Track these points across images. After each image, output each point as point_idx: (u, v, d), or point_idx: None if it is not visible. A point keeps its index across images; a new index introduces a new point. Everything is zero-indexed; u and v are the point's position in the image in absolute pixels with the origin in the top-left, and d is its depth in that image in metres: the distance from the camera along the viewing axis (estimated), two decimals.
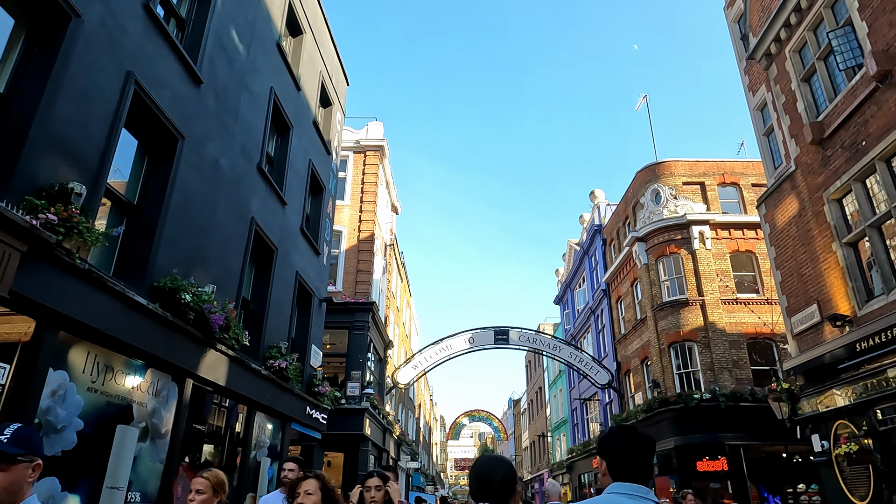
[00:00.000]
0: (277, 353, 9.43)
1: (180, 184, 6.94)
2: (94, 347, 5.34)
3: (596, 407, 26.76)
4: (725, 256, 18.99)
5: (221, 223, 8.05)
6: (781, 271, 11.08)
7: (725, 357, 17.57)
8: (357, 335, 17.28)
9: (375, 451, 18.78)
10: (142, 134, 6.69)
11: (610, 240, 25.14)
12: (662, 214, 19.70)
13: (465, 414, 51.66)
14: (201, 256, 7.47)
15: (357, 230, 19.17)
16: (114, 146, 5.69)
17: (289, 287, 10.72)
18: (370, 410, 16.49)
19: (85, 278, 4.97)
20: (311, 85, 12.47)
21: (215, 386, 7.51)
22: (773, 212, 11.32)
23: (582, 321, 29.20)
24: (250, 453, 8.73)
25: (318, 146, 12.96)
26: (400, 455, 26.38)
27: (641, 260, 20.14)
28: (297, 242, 11.20)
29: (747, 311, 18.16)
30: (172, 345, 6.38)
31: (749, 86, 12.59)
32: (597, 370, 22.74)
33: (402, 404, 29.08)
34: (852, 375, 9.04)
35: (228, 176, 8.28)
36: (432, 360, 22.43)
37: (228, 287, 8.15)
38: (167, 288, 6.30)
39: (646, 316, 19.97)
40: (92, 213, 5.31)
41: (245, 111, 8.90)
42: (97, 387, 5.37)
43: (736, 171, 20.50)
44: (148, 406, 6.13)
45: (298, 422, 10.70)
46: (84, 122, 5.32)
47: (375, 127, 20.85)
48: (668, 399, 17.41)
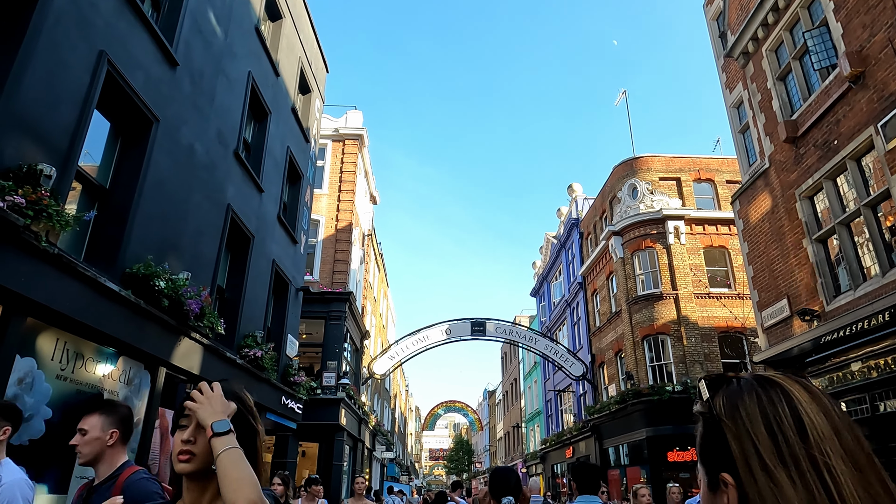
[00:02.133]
0: (253, 343, 9.32)
1: (154, 168, 6.78)
2: (63, 334, 5.21)
3: (570, 398, 27.10)
4: (699, 251, 19.32)
5: (196, 209, 7.89)
6: (753, 266, 11.31)
7: (697, 350, 17.92)
8: (334, 325, 17.17)
9: (351, 441, 18.74)
10: (115, 116, 6.51)
11: (587, 233, 25.37)
12: (639, 209, 19.94)
13: (440, 405, 51.89)
14: (175, 243, 7.33)
15: (335, 219, 19.01)
16: (85, 128, 5.53)
17: (265, 276, 10.59)
18: (346, 401, 16.43)
19: (54, 263, 4.84)
20: (290, 71, 12.27)
21: (189, 374, 7.40)
22: (746, 208, 11.53)
23: (558, 314, 29.48)
24: None
25: (297, 133, 12.78)
26: (375, 445, 26.39)
27: (617, 254, 20.37)
28: (273, 231, 11.06)
29: (719, 306, 18.52)
30: (145, 332, 6.26)
31: (726, 83, 12.77)
32: (571, 362, 22.99)
33: (377, 395, 29.07)
34: (819, 369, 9.29)
35: (203, 161, 8.12)
36: (409, 351, 22.43)
37: (203, 275, 8.01)
38: (140, 274, 6.16)
39: (621, 309, 20.23)
40: (62, 196, 5.16)
41: (221, 96, 8.73)
42: (67, 374, 5.24)
43: (711, 168, 20.82)
44: (120, 394, 6.00)
45: (274, 412, 10.61)
46: (54, 102, 5.15)
47: (354, 115, 20.66)
48: (641, 391, 17.70)
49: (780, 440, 0.72)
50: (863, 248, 8.85)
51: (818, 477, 0.69)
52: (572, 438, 24.44)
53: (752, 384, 0.80)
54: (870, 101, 8.35)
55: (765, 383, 0.79)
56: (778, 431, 0.73)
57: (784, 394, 0.77)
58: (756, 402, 0.77)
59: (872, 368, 8.17)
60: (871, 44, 8.38)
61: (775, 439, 0.72)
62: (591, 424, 21.49)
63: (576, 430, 23.90)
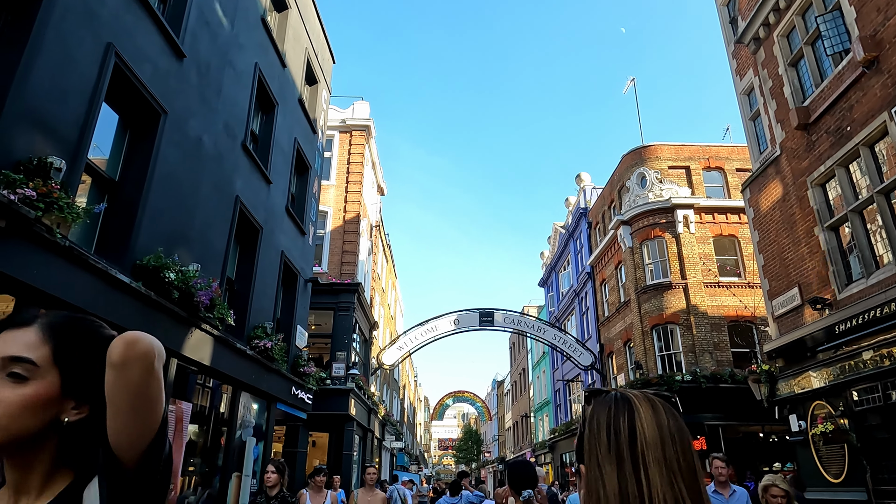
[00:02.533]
0: (262, 334, 9.37)
1: (162, 161, 6.80)
2: None
3: (578, 388, 27.12)
4: (709, 240, 19.19)
5: (205, 201, 7.92)
6: (764, 255, 11.22)
7: (707, 339, 17.85)
8: (342, 316, 17.24)
9: (360, 431, 18.88)
10: (123, 109, 6.53)
11: (595, 223, 25.26)
12: (648, 198, 19.81)
13: (449, 395, 52.09)
14: (184, 235, 7.36)
15: (343, 211, 19.03)
16: (94, 120, 5.55)
17: (274, 267, 10.63)
18: (355, 391, 16.53)
19: (65, 256, 4.87)
20: (297, 62, 12.25)
21: (200, 365, 7.46)
22: (757, 196, 11.43)
23: (566, 304, 29.44)
24: (235, 433, 8.71)
25: (304, 125, 12.78)
26: (385, 435, 26.57)
27: (626, 243, 20.28)
28: (282, 222, 11.09)
29: (729, 295, 18.42)
30: (156, 324, 6.30)
31: (736, 70, 12.62)
32: (580, 352, 22.99)
33: (386, 385, 29.23)
34: (830, 357, 9.23)
35: (211, 153, 8.13)
36: (418, 342, 22.51)
37: (212, 266, 8.05)
38: (150, 266, 6.20)
39: (629, 299, 20.17)
40: (72, 188, 5.18)
41: (228, 87, 8.72)
42: None
43: (721, 156, 20.63)
44: None
45: (284, 402, 10.69)
46: (62, 95, 5.17)
47: (361, 106, 20.61)
48: (650, 380, 17.66)
49: (613, 443, 0.93)
50: (876, 236, 8.75)
51: (634, 473, 0.90)
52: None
53: (610, 399, 1.00)
54: (884, 87, 8.22)
55: (620, 399, 1.00)
56: (614, 437, 0.94)
57: (629, 409, 0.97)
58: (606, 413, 0.98)
59: (885, 357, 8.10)
60: (885, 27, 8.23)
61: (610, 442, 0.94)
62: None
63: None
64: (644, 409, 0.99)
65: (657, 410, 1.00)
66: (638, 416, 0.98)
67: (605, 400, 1.02)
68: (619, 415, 0.99)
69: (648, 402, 1.02)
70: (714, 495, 4.62)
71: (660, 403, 1.03)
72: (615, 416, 0.99)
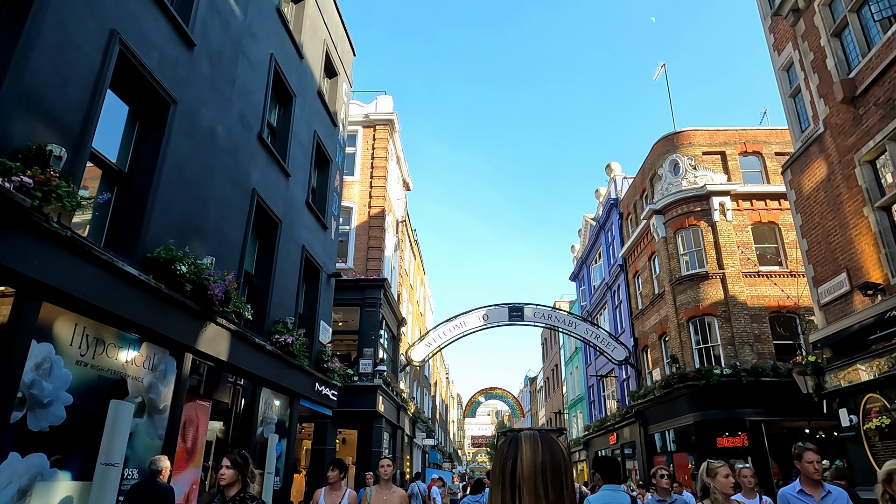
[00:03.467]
0: (283, 329, 9.20)
1: (173, 151, 6.64)
2: (82, 320, 5.11)
3: (613, 383, 26.47)
4: (747, 228, 18.37)
5: (220, 194, 7.76)
6: (808, 239, 10.55)
7: (746, 331, 17.08)
8: (369, 312, 17.07)
9: (390, 428, 18.71)
10: (132, 99, 6.39)
11: (627, 213, 24.55)
12: (681, 186, 19.09)
13: (481, 392, 51.71)
14: (198, 227, 7.20)
15: (367, 206, 18.85)
16: (98, 109, 5.39)
17: (294, 262, 10.46)
18: (383, 387, 16.34)
19: (67, 246, 4.71)
20: (315, 53, 12.06)
21: (216, 361, 7.30)
22: (799, 177, 10.76)
23: (598, 297, 28.77)
24: (257, 429, 8.56)
25: (324, 117, 12.59)
26: (415, 432, 26.38)
27: (659, 233, 19.59)
28: (302, 216, 10.91)
29: (770, 284, 17.60)
30: (168, 318, 6.14)
31: (774, 45, 11.92)
32: (614, 346, 22.37)
33: (417, 382, 29.04)
34: (884, 347, 8.57)
35: (226, 145, 7.97)
36: (446, 338, 22.22)
37: (228, 260, 7.89)
38: (161, 259, 6.04)
39: (664, 290, 19.49)
40: (75, 178, 5.03)
41: (243, 78, 8.56)
42: (87, 360, 5.14)
43: (758, 140, 19.74)
44: (144, 381, 5.92)
45: (307, 398, 10.52)
46: (63, 81, 5.02)
47: (384, 100, 20.40)
48: (687, 375, 17.00)
49: (500, 475, 1.38)
50: None
51: (512, 499, 1.33)
52: (616, 424, 23.85)
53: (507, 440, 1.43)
54: None
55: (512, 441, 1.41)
56: (503, 469, 1.38)
57: (516, 447, 1.39)
58: (501, 451, 1.42)
59: None
60: None
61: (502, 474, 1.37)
62: (635, 410, 20.87)
63: (619, 416, 23.29)
64: (526, 449, 1.38)
65: (536, 450, 1.37)
66: (520, 455, 1.37)
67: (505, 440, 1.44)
68: (509, 454, 1.39)
69: (531, 442, 1.39)
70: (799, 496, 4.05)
71: (542, 442, 1.39)
72: (506, 454, 1.40)
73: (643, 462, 20.68)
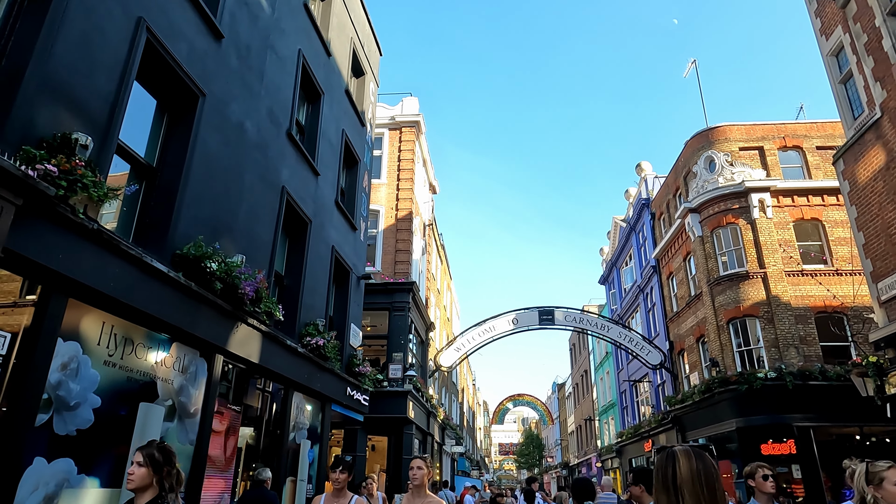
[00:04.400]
0: (314, 331, 8.93)
1: (202, 145, 6.42)
2: (110, 318, 4.87)
3: (647, 389, 25.71)
4: (788, 225, 17.64)
5: (249, 191, 7.53)
6: (864, 232, 9.93)
7: (791, 333, 16.33)
8: (397, 316, 16.78)
9: (420, 434, 18.34)
10: (159, 92, 6.19)
11: (659, 213, 23.89)
12: (718, 182, 18.43)
13: (509, 398, 51.05)
14: (228, 225, 6.97)
15: (394, 209, 18.62)
16: (125, 98, 5.18)
17: (324, 262, 10.21)
18: (413, 393, 16.00)
19: (94, 240, 4.48)
20: (342, 51, 11.86)
21: (247, 363, 7.04)
22: (853, 167, 10.16)
23: (630, 300, 28.06)
24: (289, 435, 8.28)
25: (352, 116, 12.37)
26: (444, 439, 25.97)
27: (695, 232, 18.94)
28: (331, 216, 10.67)
29: (815, 284, 16.82)
30: (198, 317, 5.89)
31: (821, 29, 11.34)
32: (648, 350, 21.69)
33: (444, 388, 28.65)
34: None
35: (255, 140, 7.75)
36: (475, 342, 21.81)
37: (259, 259, 7.65)
38: (191, 256, 5.80)
39: (701, 291, 18.80)
40: (102, 168, 4.82)
41: (271, 73, 8.35)
42: (115, 360, 4.90)
43: (798, 134, 18.98)
44: (174, 383, 5.67)
45: (339, 403, 10.23)
46: (89, 69, 4.81)
47: (410, 102, 20.19)
48: (729, 378, 16.28)
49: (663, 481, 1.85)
50: None
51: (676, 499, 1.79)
52: (651, 431, 23.10)
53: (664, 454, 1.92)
54: None
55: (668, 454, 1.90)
56: (664, 477, 1.85)
57: (673, 459, 1.86)
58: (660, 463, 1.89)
59: None
60: None
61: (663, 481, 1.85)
62: (671, 415, 20.14)
63: (655, 422, 22.55)
64: (682, 460, 1.85)
65: (690, 459, 1.84)
66: (677, 465, 1.84)
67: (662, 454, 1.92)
68: (667, 464, 1.87)
69: (685, 454, 1.86)
70: None
71: (694, 454, 1.85)
72: (665, 465, 1.88)
73: None
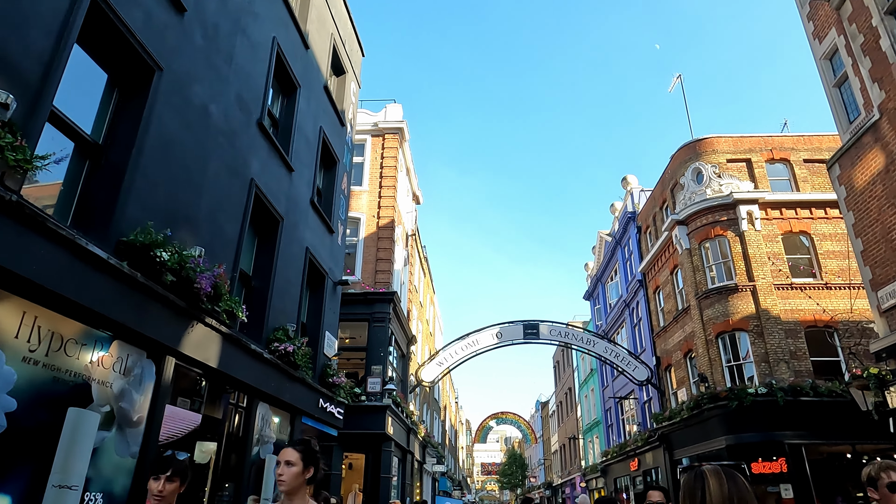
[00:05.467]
0: (283, 336, 8.26)
1: (157, 125, 5.81)
2: (33, 308, 4.21)
3: (633, 406, 25.16)
4: (777, 238, 17.37)
5: (214, 179, 6.91)
6: (863, 239, 9.56)
7: (782, 347, 15.94)
8: (377, 328, 16.10)
9: (399, 452, 17.55)
10: (111, 65, 5.58)
11: (645, 227, 23.59)
12: (706, 194, 18.15)
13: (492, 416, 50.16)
14: (187, 216, 6.33)
15: (376, 217, 18.02)
16: (62, 59, 4.56)
17: (297, 264, 9.57)
18: (392, 408, 15.27)
19: (12, 214, 3.83)
20: (322, 46, 11.34)
21: (205, 367, 6.36)
22: (849, 171, 9.82)
23: (615, 316, 27.62)
24: (252, 449, 7.56)
25: (331, 115, 11.82)
26: (425, 458, 25.11)
27: (683, 245, 18.60)
28: (306, 216, 10.05)
29: (804, 297, 16.51)
30: (146, 313, 5.23)
31: (814, 32, 11.09)
32: (634, 365, 21.21)
33: (426, 405, 27.84)
34: None
35: (221, 127, 7.15)
36: (458, 356, 21.15)
37: (223, 256, 7.01)
38: (138, 243, 5.15)
39: (689, 305, 18.41)
40: (30, 136, 4.19)
41: (241, 57, 7.78)
42: (38, 358, 4.22)
43: (786, 147, 18.84)
44: (113, 386, 4.97)
45: (310, 416, 9.52)
46: (20, 20, 4.20)
47: (394, 109, 19.73)
48: (718, 394, 15.80)
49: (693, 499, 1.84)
50: None
51: None
52: (637, 449, 22.50)
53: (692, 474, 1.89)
54: None
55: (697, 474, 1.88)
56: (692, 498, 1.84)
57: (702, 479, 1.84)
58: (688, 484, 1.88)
59: None
60: None
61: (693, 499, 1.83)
62: (658, 433, 19.59)
63: (641, 441, 21.97)
64: (712, 480, 1.83)
65: (721, 480, 1.82)
66: (707, 486, 1.81)
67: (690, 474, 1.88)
68: (696, 485, 1.84)
69: (715, 474, 1.85)
70: None
71: (724, 474, 1.84)
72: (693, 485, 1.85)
73: (669, 488, 19.34)
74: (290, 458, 2.65)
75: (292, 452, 2.68)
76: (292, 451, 2.69)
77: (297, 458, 2.65)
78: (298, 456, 2.65)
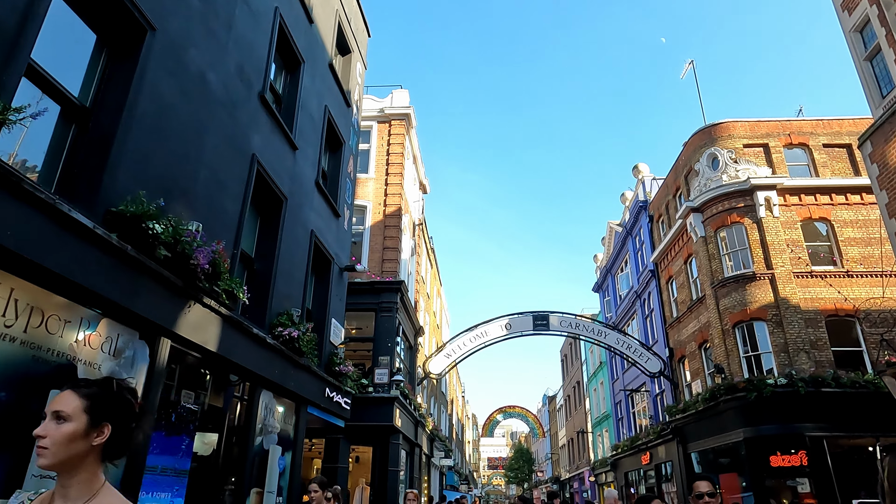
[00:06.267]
0: (287, 321, 7.85)
1: (150, 90, 5.38)
2: (9, 279, 3.80)
3: (644, 399, 24.71)
4: (796, 225, 16.85)
5: (212, 152, 6.49)
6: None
7: (801, 337, 15.45)
8: (384, 317, 15.69)
9: (407, 445, 17.18)
10: (100, 26, 5.15)
11: (658, 216, 23.07)
12: (721, 180, 17.63)
13: (499, 410, 49.84)
14: (183, 188, 5.92)
15: (383, 205, 17.59)
16: (41, 11, 4.14)
17: (302, 247, 9.15)
18: (400, 400, 14.88)
19: None
20: (327, 23, 10.89)
21: (204, 351, 5.95)
22: (882, 148, 9.31)
23: (626, 307, 27.13)
24: (254, 439, 7.16)
25: (336, 94, 11.38)
26: (433, 451, 24.76)
27: (698, 232, 18.09)
28: (311, 197, 9.63)
29: (825, 286, 16.00)
30: (138, 291, 4.82)
31: (843, 4, 10.56)
32: (647, 357, 20.74)
33: (434, 398, 27.47)
34: None
35: (220, 98, 6.73)
36: (466, 348, 20.74)
37: (222, 233, 6.59)
38: (128, 213, 4.73)
39: (704, 294, 17.92)
40: (6, 91, 3.78)
41: (242, 26, 7.35)
42: (15, 334, 3.82)
43: (804, 131, 18.27)
44: (101, 368, 4.57)
45: (316, 405, 9.12)
46: None
47: (401, 95, 19.26)
48: (736, 385, 15.34)
49: None
50: None
51: None
52: (650, 443, 22.06)
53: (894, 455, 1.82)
54: None
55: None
56: None
57: None
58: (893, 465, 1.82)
59: None
60: None
61: None
62: (672, 426, 19.14)
63: (654, 434, 21.53)
64: None
65: None
66: None
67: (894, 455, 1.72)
68: None
69: None
70: None
71: None
72: None
73: (682, 483, 18.91)
74: (61, 409, 1.51)
75: (69, 399, 1.53)
76: (69, 395, 1.54)
77: (77, 408, 1.51)
78: (79, 405, 1.52)
